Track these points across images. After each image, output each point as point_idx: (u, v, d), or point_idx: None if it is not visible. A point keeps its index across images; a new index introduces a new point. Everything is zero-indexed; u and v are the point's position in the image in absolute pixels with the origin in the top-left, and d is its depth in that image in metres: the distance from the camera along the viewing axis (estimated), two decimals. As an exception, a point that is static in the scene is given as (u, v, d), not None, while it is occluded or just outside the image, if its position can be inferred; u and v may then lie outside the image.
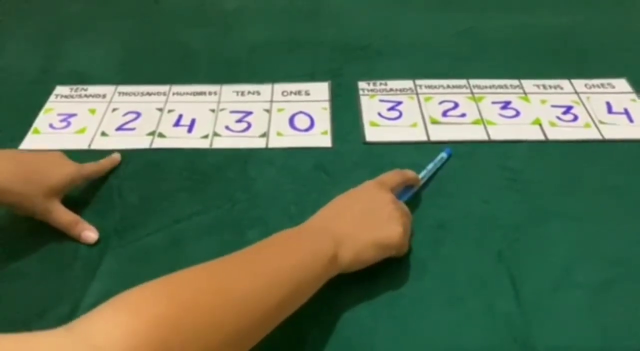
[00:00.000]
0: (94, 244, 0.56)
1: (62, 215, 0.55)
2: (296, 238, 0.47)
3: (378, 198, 0.52)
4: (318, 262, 0.45)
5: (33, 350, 0.29)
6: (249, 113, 0.72)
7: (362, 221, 0.49)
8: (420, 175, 0.60)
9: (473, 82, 0.77)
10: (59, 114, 0.73)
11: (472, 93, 0.75)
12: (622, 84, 0.76)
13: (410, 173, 0.58)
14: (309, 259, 0.45)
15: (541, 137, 0.68)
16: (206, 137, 0.69)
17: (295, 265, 0.43)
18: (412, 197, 0.58)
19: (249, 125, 0.70)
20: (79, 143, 0.68)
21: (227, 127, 0.70)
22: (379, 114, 0.72)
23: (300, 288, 0.43)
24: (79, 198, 0.60)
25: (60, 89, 0.77)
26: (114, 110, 0.73)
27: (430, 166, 0.62)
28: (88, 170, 0.60)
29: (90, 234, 0.56)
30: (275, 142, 0.68)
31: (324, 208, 0.52)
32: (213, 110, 0.73)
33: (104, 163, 0.63)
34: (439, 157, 0.64)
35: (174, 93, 0.76)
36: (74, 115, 0.73)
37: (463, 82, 0.77)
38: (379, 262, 0.50)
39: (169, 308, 0.34)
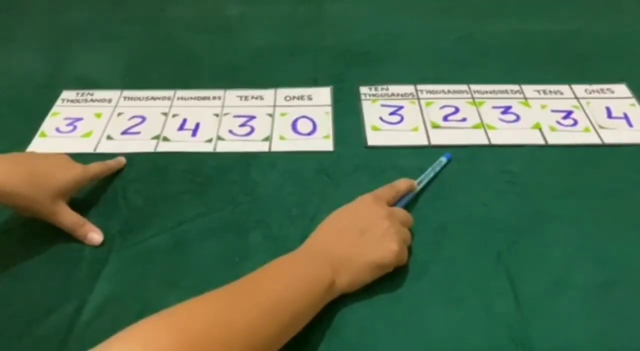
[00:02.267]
0: (99, 245, 0.57)
1: (68, 217, 0.56)
2: (295, 266, 0.48)
3: (373, 215, 0.52)
4: (316, 288, 0.46)
5: None
6: (252, 117, 0.73)
7: (356, 243, 0.50)
8: (419, 179, 0.61)
9: (474, 87, 0.77)
10: (66, 118, 0.74)
11: (472, 98, 0.76)
12: (621, 89, 0.77)
13: (401, 185, 0.58)
14: (308, 287, 0.46)
15: (541, 142, 0.69)
16: (210, 140, 0.70)
17: (295, 294, 0.45)
18: (410, 202, 0.59)
19: (252, 129, 0.71)
20: (85, 146, 0.69)
21: (230, 131, 0.71)
22: (381, 119, 0.73)
23: (299, 316, 0.45)
24: (84, 200, 0.61)
25: (66, 94, 0.78)
26: (119, 114, 0.74)
27: (429, 170, 0.63)
28: (93, 171, 0.60)
29: (95, 236, 0.56)
30: (278, 146, 0.69)
31: (321, 226, 0.53)
32: (217, 115, 0.74)
33: (110, 164, 0.64)
34: (437, 161, 0.64)
35: (178, 98, 0.77)
36: (80, 119, 0.74)
37: (464, 87, 0.78)
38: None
39: (178, 341, 0.35)
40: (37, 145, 0.70)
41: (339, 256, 0.49)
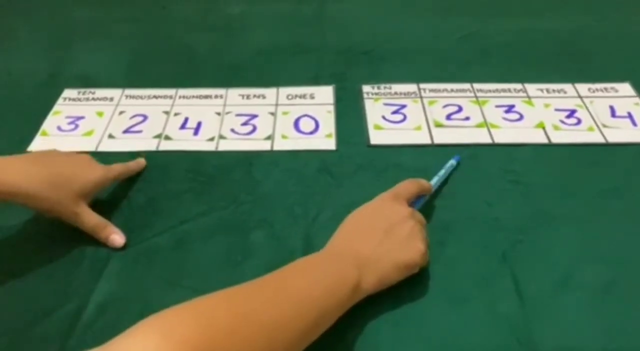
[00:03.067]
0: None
1: (90, 219, 0.55)
2: (321, 265, 0.47)
3: (396, 215, 0.51)
4: (342, 290, 0.45)
5: None
6: (254, 116, 0.73)
7: (384, 243, 0.49)
8: (432, 182, 0.60)
9: (477, 85, 0.77)
10: (67, 117, 0.74)
11: (476, 97, 0.75)
12: (625, 88, 0.77)
13: (424, 183, 0.57)
14: (334, 287, 0.45)
15: (545, 141, 0.68)
16: (212, 139, 0.70)
17: (321, 293, 0.44)
18: (423, 205, 0.58)
19: (254, 128, 0.71)
20: (87, 145, 0.69)
21: (232, 130, 0.71)
22: (383, 117, 0.72)
23: (325, 315, 0.44)
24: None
25: (68, 92, 0.78)
26: (121, 113, 0.74)
27: (441, 173, 0.62)
28: (115, 173, 0.59)
29: (117, 238, 0.56)
30: (280, 145, 0.69)
31: (344, 225, 0.52)
32: (219, 113, 0.74)
33: (131, 166, 0.63)
34: (448, 164, 0.63)
35: (180, 97, 0.77)
36: (81, 117, 0.73)
37: (467, 85, 0.77)
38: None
39: (201, 334, 0.34)
40: (38, 143, 0.69)
41: (365, 256, 0.48)
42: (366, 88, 0.78)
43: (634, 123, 0.71)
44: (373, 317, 0.49)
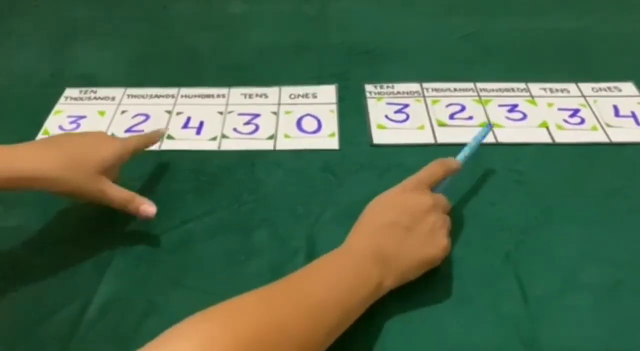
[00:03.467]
0: (153, 218, 0.55)
1: (117, 193, 0.53)
2: (341, 267, 0.46)
3: (418, 208, 0.50)
4: (364, 289, 0.45)
5: None
6: (257, 115, 0.73)
7: (406, 240, 0.48)
8: (460, 158, 0.57)
9: (480, 85, 0.77)
10: (69, 116, 0.73)
11: (479, 96, 0.75)
12: (629, 87, 0.76)
13: (452, 163, 0.55)
14: (356, 288, 0.45)
15: (548, 140, 0.68)
16: (214, 139, 0.69)
17: (344, 295, 0.44)
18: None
19: (257, 128, 0.71)
20: (89, 144, 0.69)
21: (235, 129, 0.71)
22: (386, 117, 0.72)
23: (348, 316, 0.44)
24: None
25: (69, 91, 0.78)
26: (123, 112, 0.74)
27: (472, 144, 0.59)
28: (133, 144, 0.57)
29: (149, 208, 0.54)
30: (283, 144, 0.68)
31: (362, 223, 0.50)
32: (221, 113, 0.73)
33: (150, 136, 0.61)
34: (478, 133, 0.60)
35: (182, 96, 0.77)
36: (83, 117, 0.73)
37: (470, 85, 0.77)
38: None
39: (232, 345, 0.34)
40: (41, 143, 0.69)
41: (385, 255, 0.47)
42: (369, 87, 0.77)
43: (638, 123, 0.70)
44: (378, 317, 0.49)
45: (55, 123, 0.72)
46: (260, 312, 0.39)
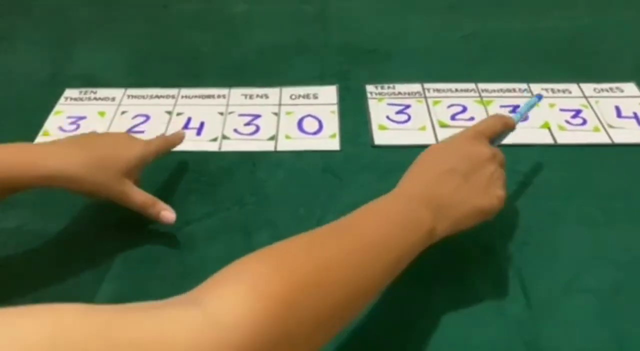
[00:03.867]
0: (173, 223, 0.55)
1: (138, 197, 0.54)
2: (395, 210, 0.45)
3: (478, 157, 0.48)
4: (416, 235, 0.43)
5: (156, 327, 0.29)
6: (258, 116, 0.72)
7: (462, 187, 0.47)
8: (515, 118, 0.57)
9: (481, 85, 0.77)
10: (69, 117, 0.73)
11: (480, 97, 0.75)
12: (631, 88, 0.76)
13: (509, 119, 0.55)
14: (408, 233, 0.43)
15: (550, 141, 0.68)
16: (215, 139, 0.69)
17: (396, 241, 0.42)
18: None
19: (258, 128, 0.71)
20: (89, 145, 0.68)
21: (235, 130, 0.70)
22: (387, 117, 0.72)
23: (398, 261, 0.42)
24: (89, 200, 0.60)
25: (69, 92, 0.78)
26: (123, 113, 0.74)
27: (523, 109, 0.59)
28: (155, 146, 0.57)
29: (168, 214, 0.54)
30: (284, 145, 0.68)
31: (417, 164, 0.49)
32: (222, 113, 0.73)
33: (171, 139, 0.61)
34: (531, 101, 0.61)
35: (182, 97, 0.76)
36: (83, 117, 0.73)
37: (471, 85, 0.77)
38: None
39: (285, 288, 0.34)
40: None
41: (440, 201, 0.45)
42: (370, 88, 0.77)
43: (640, 124, 0.70)
44: (380, 318, 0.49)
45: (55, 123, 0.72)
46: (310, 254, 0.38)
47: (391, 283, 0.50)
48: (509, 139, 0.67)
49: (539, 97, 0.63)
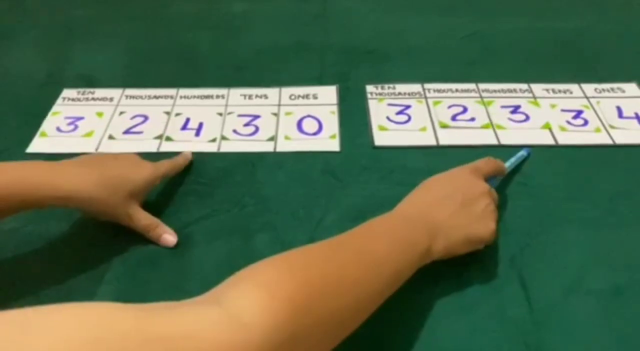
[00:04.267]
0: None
1: (142, 219, 0.55)
2: (394, 227, 0.48)
3: (474, 189, 0.52)
4: (414, 252, 0.46)
5: (184, 324, 0.31)
6: (257, 116, 0.72)
7: (458, 214, 0.49)
8: (506, 165, 0.60)
9: (482, 86, 0.76)
10: (67, 117, 0.72)
11: (481, 97, 0.74)
12: (632, 88, 0.76)
13: (501, 163, 0.58)
14: (406, 249, 0.46)
15: (551, 142, 0.67)
16: (214, 140, 0.69)
17: (397, 254, 0.45)
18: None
19: (257, 129, 0.70)
20: (86, 146, 0.68)
21: (234, 131, 0.70)
22: (388, 118, 0.71)
23: (398, 276, 0.45)
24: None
25: (67, 92, 0.77)
26: (121, 113, 0.73)
27: (512, 160, 0.62)
28: (163, 170, 0.59)
29: (170, 238, 0.55)
30: (283, 146, 0.68)
31: (419, 189, 0.52)
32: (220, 114, 0.73)
33: (178, 161, 0.63)
34: (519, 154, 0.63)
35: (181, 97, 0.76)
36: (81, 118, 0.72)
37: (472, 86, 0.76)
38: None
39: (298, 291, 0.36)
40: (38, 145, 0.68)
41: (437, 223, 0.48)
42: (370, 88, 0.77)
43: (642, 124, 0.70)
44: (382, 322, 0.48)
45: (52, 124, 0.71)
46: (323, 261, 0.41)
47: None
48: (510, 140, 0.68)
49: (528, 151, 0.65)
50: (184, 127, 0.71)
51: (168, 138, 0.69)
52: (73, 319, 0.28)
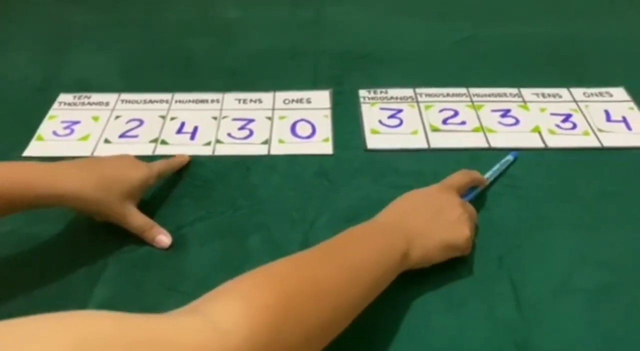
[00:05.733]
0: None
1: (137, 220, 0.56)
2: (371, 235, 0.49)
3: (446, 201, 0.53)
4: (393, 258, 0.47)
5: (167, 330, 0.32)
6: (251, 120, 0.73)
7: (433, 221, 0.51)
8: (486, 176, 0.61)
9: (473, 90, 0.77)
10: (63, 121, 0.73)
11: (471, 101, 0.76)
12: (620, 93, 0.77)
13: (476, 174, 0.60)
14: (384, 256, 0.47)
15: (541, 145, 0.69)
16: (208, 144, 0.69)
17: (374, 262, 0.46)
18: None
19: (251, 133, 0.71)
20: (82, 150, 0.68)
21: (229, 134, 0.71)
22: (380, 122, 0.72)
23: (378, 282, 0.46)
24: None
25: (63, 97, 0.78)
26: (117, 117, 0.74)
27: (495, 167, 0.63)
28: (157, 170, 0.60)
29: (164, 238, 0.56)
30: (277, 149, 0.68)
31: (394, 203, 0.53)
32: (215, 118, 0.74)
33: (173, 162, 0.64)
34: (504, 160, 0.65)
35: (176, 101, 0.77)
36: (77, 122, 0.73)
37: (463, 90, 0.78)
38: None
39: (276, 299, 0.37)
40: (34, 148, 0.69)
41: (413, 230, 0.50)
42: (363, 92, 0.78)
43: (629, 128, 0.71)
44: (371, 321, 0.49)
45: (49, 128, 0.72)
46: (301, 269, 0.42)
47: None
48: (500, 143, 0.69)
49: (514, 155, 0.66)
50: (179, 131, 0.71)
51: (163, 142, 0.70)
52: (58, 325, 0.29)
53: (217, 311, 0.34)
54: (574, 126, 0.71)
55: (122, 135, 0.71)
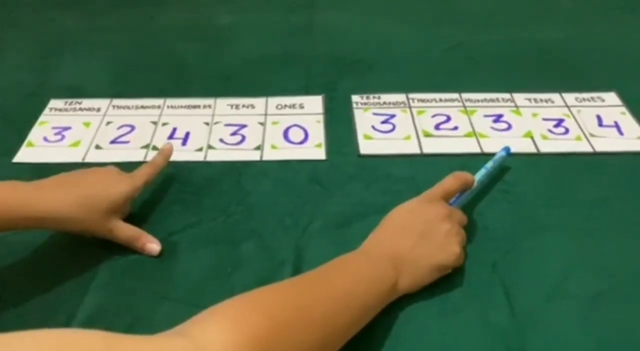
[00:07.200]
0: (157, 256, 0.55)
1: (124, 232, 0.55)
2: (359, 265, 0.49)
3: (433, 217, 0.52)
4: (382, 288, 0.48)
5: (160, 349, 0.32)
6: (244, 126, 0.73)
7: (420, 246, 0.50)
8: (479, 176, 0.60)
9: (465, 95, 0.78)
10: (54, 127, 0.73)
11: (464, 106, 0.76)
12: (611, 97, 0.77)
13: (467, 177, 0.57)
14: (373, 286, 0.47)
15: (533, 150, 0.69)
16: (200, 149, 0.69)
17: (362, 292, 0.46)
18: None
19: (243, 138, 0.71)
20: (73, 156, 0.68)
21: (221, 140, 0.70)
22: (373, 127, 0.72)
23: (367, 311, 0.46)
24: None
25: (54, 102, 0.77)
26: (108, 123, 0.73)
27: (489, 165, 0.62)
28: (142, 179, 0.58)
29: (154, 246, 0.56)
30: (270, 155, 0.68)
31: (380, 229, 0.52)
32: (207, 123, 0.73)
33: (157, 163, 0.61)
34: (497, 156, 0.64)
35: (168, 107, 0.76)
36: (68, 128, 0.73)
37: (455, 95, 0.78)
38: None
39: (264, 324, 0.37)
40: (24, 155, 0.69)
41: (401, 258, 0.49)
42: (355, 98, 0.78)
43: (621, 133, 0.71)
44: (365, 327, 0.49)
45: (39, 134, 0.72)
46: (288, 296, 0.42)
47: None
48: (493, 148, 0.69)
49: (507, 150, 0.65)
50: (171, 137, 0.71)
51: (155, 148, 0.69)
52: (45, 345, 0.29)
53: (205, 335, 0.34)
54: (566, 131, 0.72)
55: (113, 141, 0.70)
